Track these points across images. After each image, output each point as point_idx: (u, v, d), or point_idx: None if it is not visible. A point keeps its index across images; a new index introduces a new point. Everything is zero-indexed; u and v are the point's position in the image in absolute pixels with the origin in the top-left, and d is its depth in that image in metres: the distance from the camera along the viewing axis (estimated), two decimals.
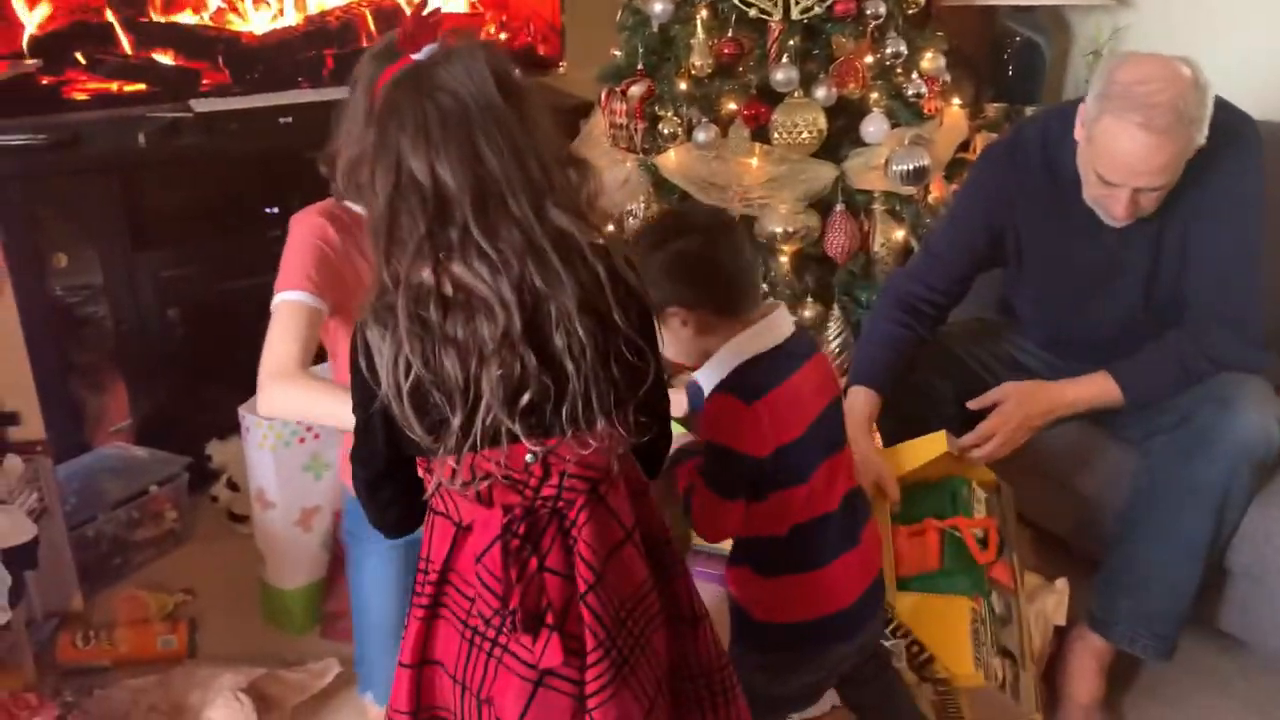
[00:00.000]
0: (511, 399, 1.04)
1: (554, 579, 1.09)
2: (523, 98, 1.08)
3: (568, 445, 1.08)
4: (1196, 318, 1.78)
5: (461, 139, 1.05)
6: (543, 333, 1.05)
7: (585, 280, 1.06)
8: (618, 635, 1.09)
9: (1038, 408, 1.78)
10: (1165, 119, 1.61)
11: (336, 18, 2.70)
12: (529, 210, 1.05)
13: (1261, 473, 1.76)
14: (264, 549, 2.13)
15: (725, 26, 2.37)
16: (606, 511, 1.12)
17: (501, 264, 1.04)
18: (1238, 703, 1.90)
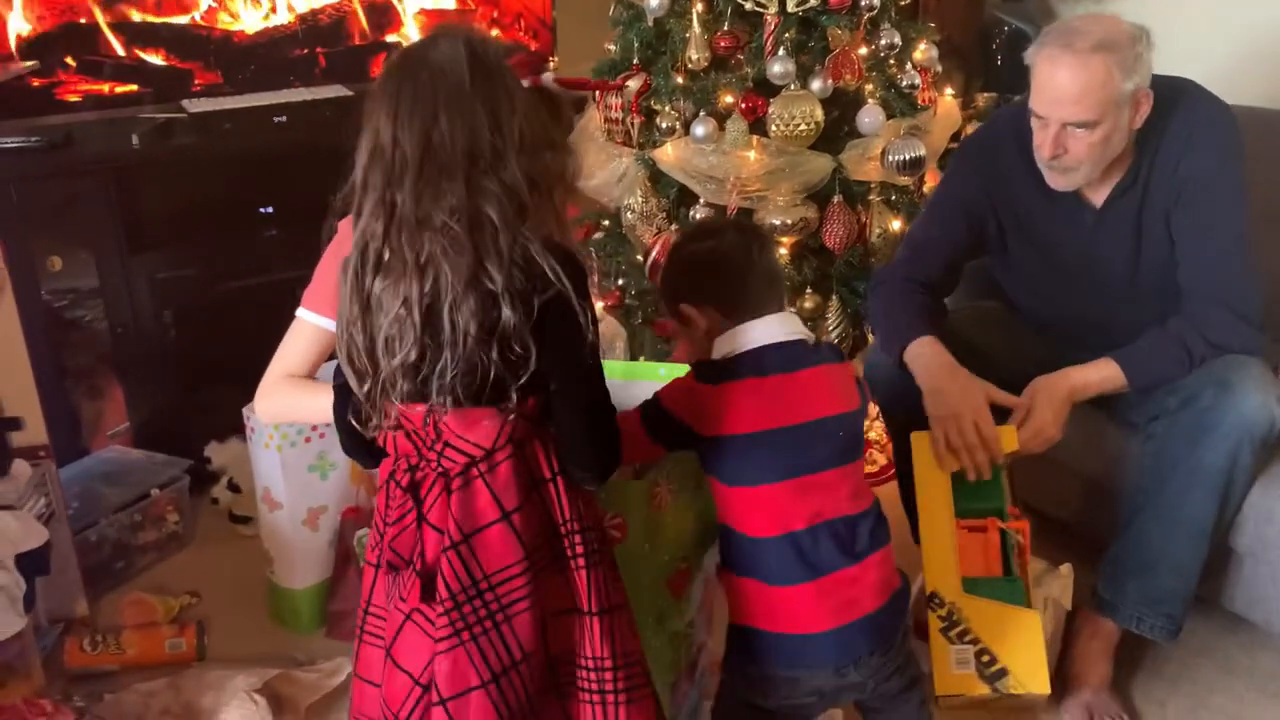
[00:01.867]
0: (400, 362, 1.16)
1: (432, 532, 1.20)
2: (494, 80, 1.18)
3: (455, 417, 1.18)
4: (1194, 302, 1.81)
5: (425, 111, 1.15)
6: (438, 305, 1.14)
7: (490, 266, 1.14)
8: (466, 601, 1.18)
9: (1060, 398, 1.79)
10: (1087, 43, 1.69)
11: (328, 15, 2.69)
12: (461, 189, 1.15)
13: (1263, 453, 1.78)
14: (271, 549, 2.13)
15: (721, 20, 2.38)
16: (484, 488, 1.20)
17: (421, 236, 1.15)
18: (1242, 681, 1.92)
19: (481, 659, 1.19)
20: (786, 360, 1.38)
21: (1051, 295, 1.98)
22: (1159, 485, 1.80)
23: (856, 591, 1.38)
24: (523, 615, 1.20)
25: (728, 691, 1.50)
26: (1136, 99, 1.75)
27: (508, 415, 1.19)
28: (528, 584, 1.20)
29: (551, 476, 1.24)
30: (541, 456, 1.23)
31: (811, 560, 1.36)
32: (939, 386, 1.79)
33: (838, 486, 1.38)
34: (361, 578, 2.01)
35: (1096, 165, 1.79)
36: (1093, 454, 1.99)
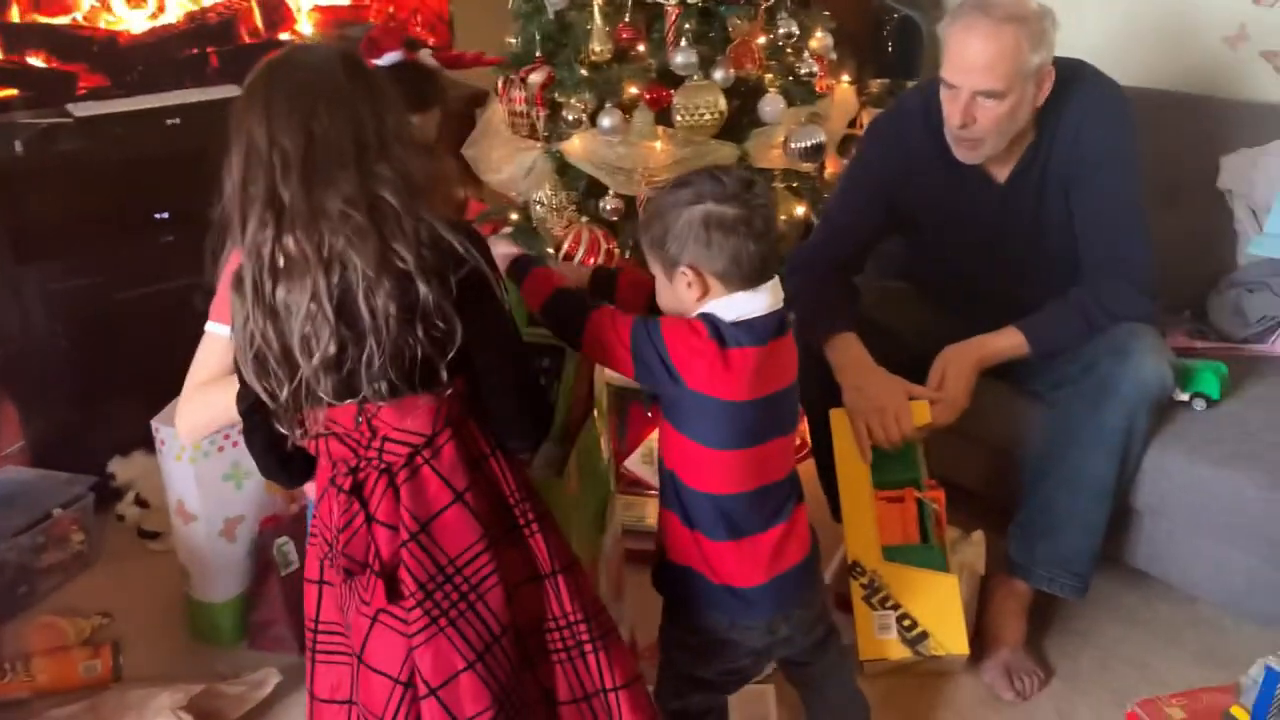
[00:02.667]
0: (320, 360, 1.15)
1: (383, 530, 1.20)
2: (370, 82, 1.20)
3: (390, 410, 1.18)
4: (1092, 273, 1.90)
5: (303, 108, 1.15)
6: (350, 296, 1.14)
7: (398, 248, 1.14)
8: (436, 589, 1.18)
9: (968, 366, 1.88)
10: (1001, 12, 1.79)
11: (218, 14, 2.61)
12: (354, 177, 1.15)
13: (1157, 415, 1.89)
14: (187, 563, 2.07)
15: (622, 12, 2.39)
16: (433, 474, 1.20)
17: (318, 228, 1.14)
18: (1145, 631, 2.02)
19: (463, 641, 1.19)
20: (771, 330, 1.38)
21: (959, 271, 2.06)
22: (1062, 450, 1.88)
23: (789, 545, 1.44)
24: (494, 590, 1.22)
25: (667, 668, 1.52)
26: (1040, 75, 1.83)
27: (443, 397, 1.20)
28: (492, 559, 1.21)
29: (491, 451, 1.25)
30: (478, 434, 1.24)
31: (756, 519, 1.41)
32: (859, 384, 1.87)
33: (783, 452, 1.45)
34: (283, 586, 2.01)
35: (1002, 138, 1.86)
36: (999, 424, 2.07)
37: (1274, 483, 1.79)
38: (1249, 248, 2.32)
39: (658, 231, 1.37)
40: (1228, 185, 2.39)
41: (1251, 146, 2.37)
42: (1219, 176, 2.40)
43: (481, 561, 1.21)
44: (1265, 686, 1.30)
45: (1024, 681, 1.87)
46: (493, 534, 1.23)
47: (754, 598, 1.43)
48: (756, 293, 1.37)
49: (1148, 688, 1.81)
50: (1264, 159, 2.34)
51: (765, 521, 1.42)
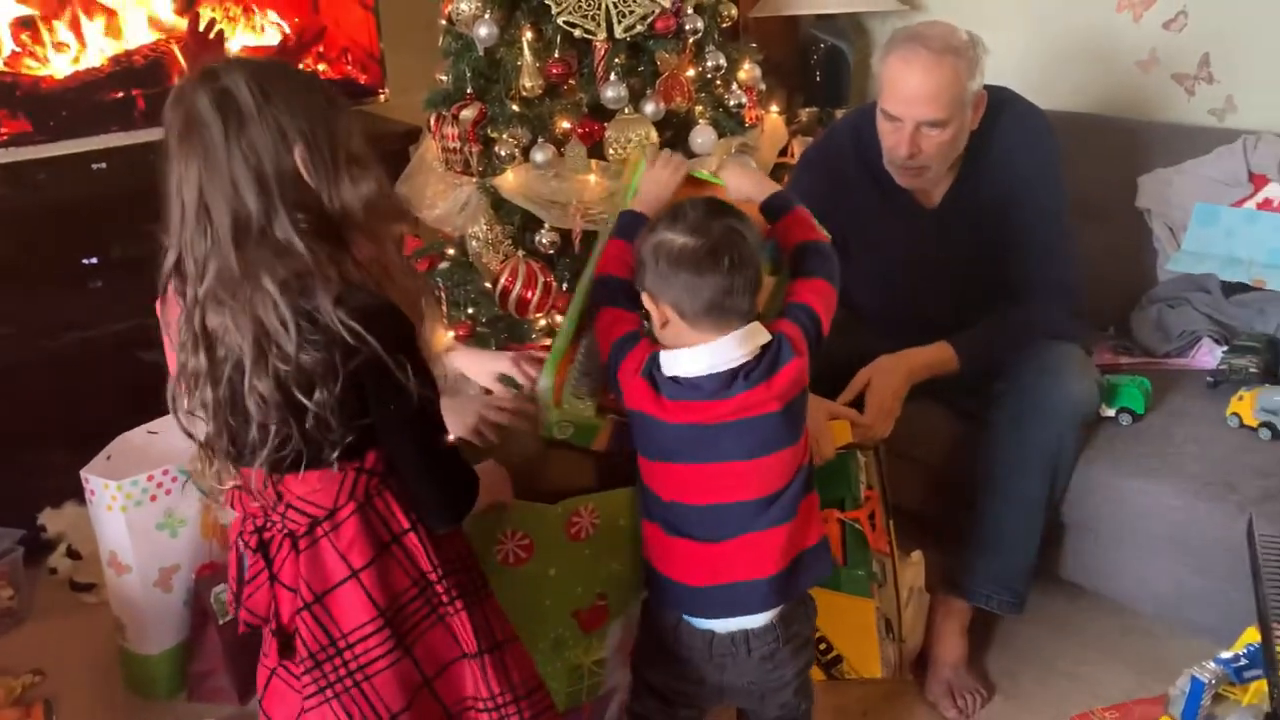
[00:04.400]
0: (205, 435, 1.14)
1: (284, 591, 1.18)
2: (250, 125, 1.08)
3: (293, 479, 1.15)
4: (1022, 292, 1.95)
5: (190, 174, 1.10)
6: (237, 378, 1.11)
7: (282, 338, 1.08)
8: (325, 660, 1.16)
9: (899, 375, 1.91)
10: (938, 44, 1.85)
11: (144, 56, 2.58)
12: (232, 256, 1.08)
13: (1085, 431, 1.93)
14: (122, 615, 2.02)
15: (551, 47, 2.40)
16: (330, 547, 1.17)
17: (207, 305, 1.10)
18: (1082, 644, 2.06)
19: (347, 716, 1.17)
20: (722, 386, 1.35)
21: (892, 295, 2.10)
22: (995, 468, 1.92)
23: (741, 558, 1.41)
24: (383, 675, 1.18)
25: (632, 667, 1.55)
26: (976, 101, 1.89)
27: (347, 472, 1.16)
28: (385, 642, 1.18)
29: (411, 526, 1.20)
30: (396, 509, 1.20)
31: (703, 530, 1.40)
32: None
33: (751, 474, 1.39)
34: (222, 635, 1.98)
35: (944, 164, 1.92)
36: (935, 445, 2.11)
37: (1198, 493, 1.84)
38: (1168, 264, 2.40)
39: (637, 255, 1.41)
40: (1146, 204, 2.47)
41: (1166, 166, 2.45)
42: (1137, 196, 2.48)
43: (373, 643, 1.17)
44: (1192, 696, 1.33)
45: (966, 699, 1.90)
46: (404, 616, 1.19)
47: (693, 596, 1.43)
48: (704, 349, 1.34)
49: (1086, 700, 1.84)
50: (1178, 178, 2.43)
51: (715, 534, 1.41)
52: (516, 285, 2.36)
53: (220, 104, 1.09)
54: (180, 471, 1.99)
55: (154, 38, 2.58)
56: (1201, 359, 2.21)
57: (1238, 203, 2.34)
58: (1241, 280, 2.28)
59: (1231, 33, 2.51)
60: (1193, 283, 2.33)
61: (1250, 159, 2.34)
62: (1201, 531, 1.82)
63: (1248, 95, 2.51)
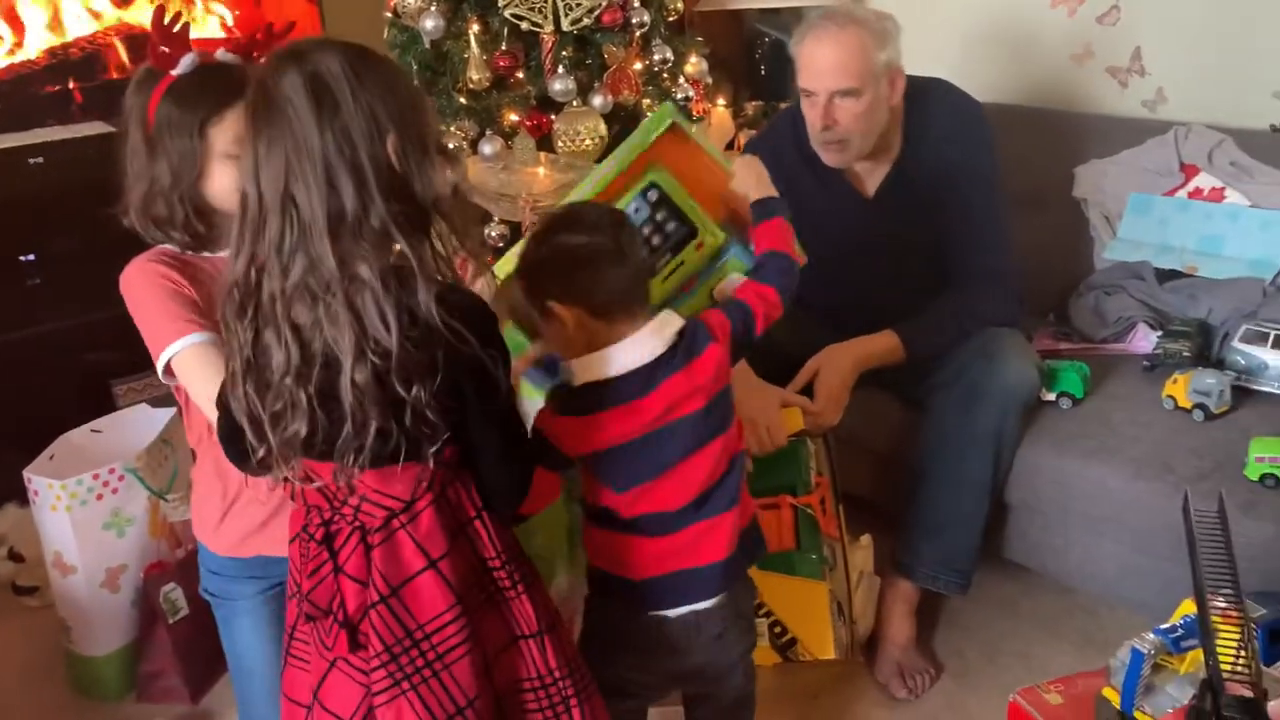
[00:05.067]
0: (292, 436, 1.09)
1: (351, 584, 1.16)
2: (342, 112, 1.05)
3: (369, 473, 1.12)
4: (963, 280, 1.99)
5: (277, 167, 1.05)
6: (331, 374, 1.07)
7: (380, 333, 1.05)
8: (402, 653, 1.14)
9: (847, 364, 1.93)
10: (843, 17, 1.93)
11: (80, 49, 2.54)
12: (329, 250, 1.04)
13: (1026, 414, 1.98)
14: (68, 617, 1.99)
15: (498, 40, 2.41)
16: (408, 539, 1.15)
17: (298, 300, 1.06)
18: (1027, 623, 2.11)
19: (424, 707, 1.15)
20: (646, 381, 1.35)
21: (833, 283, 2.11)
22: (940, 452, 1.96)
23: (672, 554, 1.41)
24: (461, 662, 1.17)
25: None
26: (891, 75, 1.94)
27: (426, 466, 1.14)
28: (462, 629, 1.16)
29: (476, 514, 1.20)
30: (464, 497, 1.19)
31: (661, 525, 1.40)
32: (736, 396, 1.88)
33: (694, 469, 1.39)
34: (172, 634, 1.96)
35: (866, 138, 1.95)
36: (882, 431, 2.14)
37: (1136, 473, 1.89)
38: (1104, 253, 2.46)
39: (527, 281, 1.39)
40: (1082, 194, 2.53)
41: (1102, 157, 2.52)
42: (1074, 186, 2.54)
43: (451, 630, 1.16)
44: (1132, 666, 1.37)
45: (915, 679, 1.94)
46: (469, 602, 1.18)
47: (647, 588, 1.42)
48: (627, 342, 1.34)
49: (1032, 676, 1.88)
50: (1113, 169, 2.49)
51: (665, 528, 1.40)
52: (468, 278, 2.35)
53: (314, 87, 1.04)
54: (126, 470, 1.96)
55: (92, 29, 2.54)
56: (1137, 344, 2.28)
57: (1170, 192, 2.41)
58: (1174, 267, 2.35)
59: (1162, 27, 2.58)
60: (1128, 270, 2.39)
61: (1181, 149, 2.41)
62: (1140, 510, 1.87)
63: (1178, 88, 2.59)
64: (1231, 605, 1.28)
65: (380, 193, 1.06)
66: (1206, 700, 1.19)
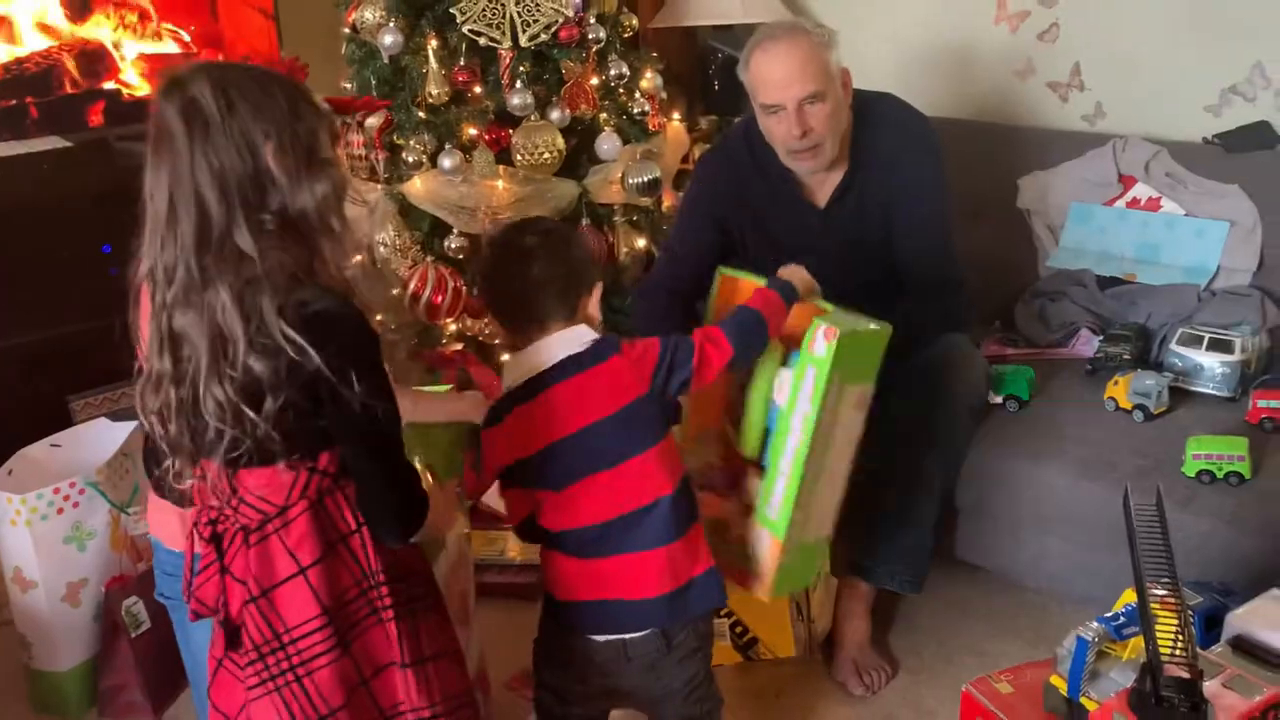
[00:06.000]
0: (168, 434, 1.17)
1: (235, 584, 1.21)
2: (214, 131, 1.11)
3: (247, 473, 1.18)
4: (915, 289, 2.05)
5: (161, 182, 1.12)
6: (196, 379, 1.13)
7: (234, 348, 1.11)
8: (270, 653, 1.19)
9: None
10: (786, 28, 2.00)
11: (35, 64, 2.53)
12: (194, 263, 1.11)
13: (977, 417, 2.04)
14: (27, 633, 1.98)
15: (456, 55, 2.44)
16: (279, 543, 1.20)
17: (162, 304, 1.13)
18: (980, 620, 2.17)
19: (286, 710, 1.19)
20: (540, 385, 1.41)
21: None
22: (894, 454, 2.00)
23: (608, 581, 1.45)
24: (323, 671, 1.20)
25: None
26: (843, 76, 2.00)
27: (300, 471, 1.18)
28: (328, 639, 1.19)
29: (355, 528, 1.22)
30: (346, 509, 1.22)
31: (596, 546, 1.45)
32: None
33: (617, 479, 1.43)
34: (134, 648, 1.95)
35: (834, 139, 2.01)
36: None
37: (1081, 473, 1.96)
38: (1048, 261, 2.55)
39: None
40: (1026, 205, 2.62)
41: (1044, 169, 2.60)
42: (1018, 197, 2.62)
43: (316, 639, 1.19)
44: (1077, 654, 1.43)
45: (872, 676, 1.98)
46: (346, 614, 1.21)
47: (575, 611, 1.48)
48: (530, 349, 1.43)
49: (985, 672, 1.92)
50: (1055, 180, 2.58)
51: (593, 550, 1.45)
52: (426, 290, 2.38)
53: (185, 113, 1.11)
54: (87, 483, 1.96)
55: (46, 44, 2.54)
56: (1080, 348, 2.36)
57: (1109, 202, 2.50)
58: (1114, 274, 2.43)
59: (1099, 44, 2.68)
60: (1070, 278, 2.47)
61: (1119, 161, 2.50)
62: (1085, 508, 1.94)
63: (1115, 102, 2.68)
64: (1170, 593, 1.34)
65: (246, 208, 1.12)
66: (1147, 681, 1.25)
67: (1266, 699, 1.28)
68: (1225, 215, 2.33)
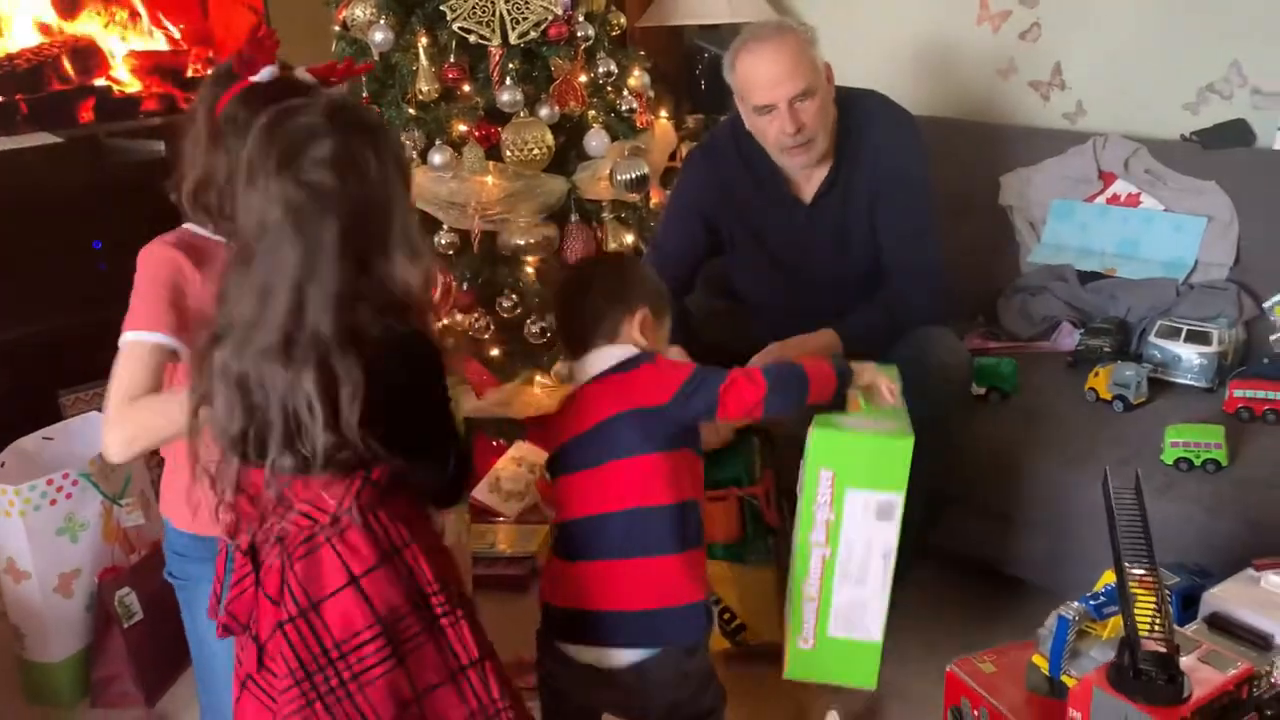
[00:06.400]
0: (227, 429, 1.17)
1: (265, 600, 1.18)
2: (294, 168, 1.14)
3: (300, 482, 1.17)
4: (896, 280, 2.09)
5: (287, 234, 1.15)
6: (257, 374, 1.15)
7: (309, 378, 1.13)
8: (316, 672, 1.16)
9: (789, 359, 2.00)
10: (771, 29, 2.02)
11: (26, 60, 2.54)
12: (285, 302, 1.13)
13: (960, 408, 2.08)
14: (20, 624, 1.99)
15: (446, 53, 2.47)
16: (331, 552, 1.17)
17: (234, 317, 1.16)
18: (964, 608, 2.19)
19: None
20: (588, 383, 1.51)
21: (773, 285, 2.22)
22: None
23: (572, 586, 1.47)
24: (377, 683, 1.17)
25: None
26: (826, 70, 2.03)
27: (353, 480, 1.17)
28: (381, 649, 1.17)
29: (405, 544, 1.21)
30: (399, 522, 1.21)
31: (573, 548, 1.48)
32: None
33: (592, 482, 1.47)
34: (127, 639, 1.97)
35: (825, 132, 2.05)
36: None
37: (1063, 464, 2.00)
38: (1029, 257, 2.59)
39: None
40: (1008, 201, 2.66)
41: (1026, 166, 2.65)
42: (1000, 194, 2.67)
43: (369, 650, 1.17)
44: (1058, 633, 1.46)
45: None
46: (399, 629, 1.19)
47: (543, 615, 1.52)
48: (576, 363, 1.54)
49: None
50: (1037, 177, 2.62)
51: (574, 551, 1.48)
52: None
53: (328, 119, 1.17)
54: (80, 475, 1.97)
55: (38, 41, 2.55)
56: (1061, 341, 2.40)
57: (1090, 198, 2.54)
58: (1095, 269, 2.48)
59: (1080, 43, 2.72)
60: (1052, 273, 2.52)
61: (1100, 158, 2.55)
62: (1067, 497, 1.98)
63: (1096, 100, 2.73)
64: (1148, 573, 1.37)
65: (336, 241, 1.16)
66: (1126, 656, 1.28)
67: (1240, 673, 1.32)
68: (1203, 211, 2.37)
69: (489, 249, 2.50)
